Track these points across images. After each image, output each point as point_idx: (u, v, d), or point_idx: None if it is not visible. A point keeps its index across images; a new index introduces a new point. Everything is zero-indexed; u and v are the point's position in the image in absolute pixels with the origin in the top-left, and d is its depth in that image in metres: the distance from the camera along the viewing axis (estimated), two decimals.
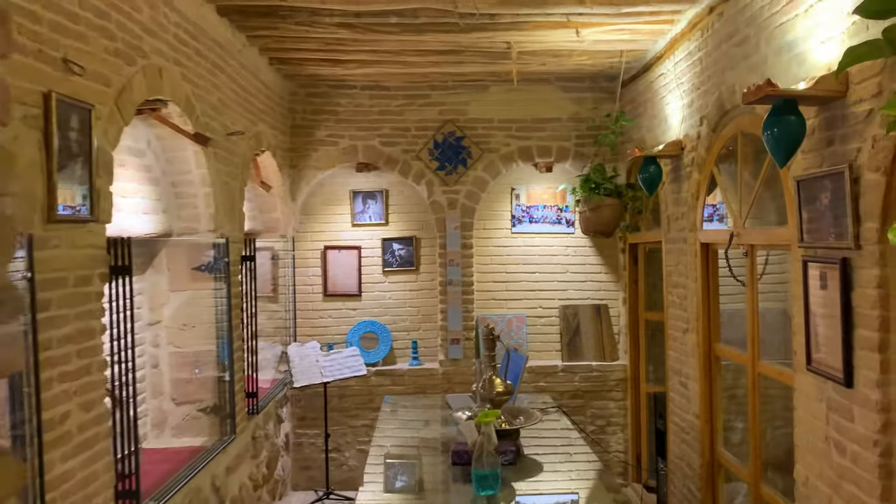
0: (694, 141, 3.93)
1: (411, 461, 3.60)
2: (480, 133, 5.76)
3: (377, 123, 5.75)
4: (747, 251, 3.39)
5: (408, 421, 4.31)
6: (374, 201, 5.95)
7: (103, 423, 2.56)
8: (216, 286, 3.97)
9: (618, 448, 5.77)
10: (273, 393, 5.08)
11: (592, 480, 3.33)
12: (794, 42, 2.71)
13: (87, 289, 2.47)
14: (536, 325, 5.95)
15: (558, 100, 5.75)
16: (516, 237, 5.99)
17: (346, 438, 5.79)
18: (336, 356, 5.42)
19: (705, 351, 3.92)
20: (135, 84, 2.83)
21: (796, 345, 2.75)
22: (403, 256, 5.94)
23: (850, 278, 2.31)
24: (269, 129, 5.08)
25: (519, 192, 5.99)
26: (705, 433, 3.94)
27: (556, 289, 5.96)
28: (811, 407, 2.63)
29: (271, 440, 5.04)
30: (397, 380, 5.77)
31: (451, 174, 5.75)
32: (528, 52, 4.79)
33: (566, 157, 5.78)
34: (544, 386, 5.70)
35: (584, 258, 5.97)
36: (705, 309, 3.92)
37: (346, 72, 5.35)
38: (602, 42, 4.52)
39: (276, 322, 5.66)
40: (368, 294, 5.97)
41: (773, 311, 3.82)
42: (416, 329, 5.98)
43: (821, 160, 2.50)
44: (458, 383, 5.71)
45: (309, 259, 5.96)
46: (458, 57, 4.90)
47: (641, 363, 5.54)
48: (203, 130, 3.59)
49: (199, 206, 3.80)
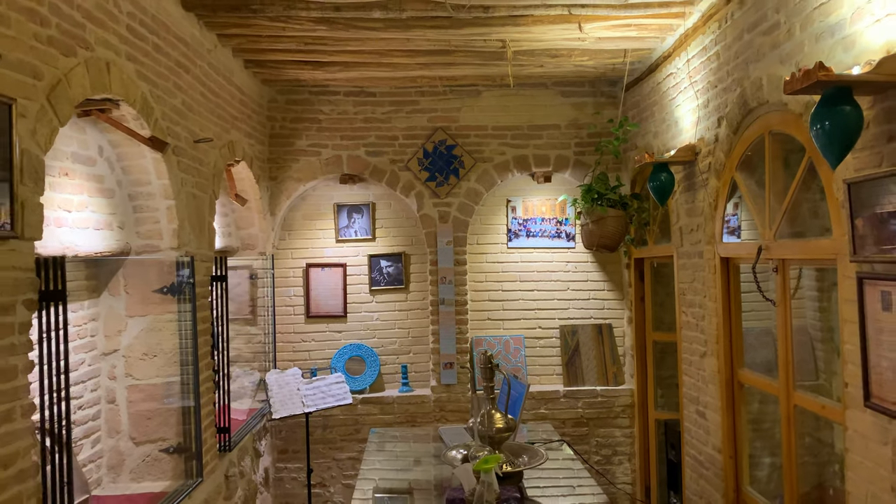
0: (711, 145, 3.55)
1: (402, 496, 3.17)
2: (473, 141, 5.38)
3: (362, 132, 5.37)
4: (777, 266, 3.00)
5: (396, 458, 3.87)
6: (359, 215, 5.55)
7: (28, 479, 2.13)
8: (181, 310, 3.54)
9: (625, 479, 5.34)
10: (250, 425, 4.64)
11: None
12: (838, 24, 2.34)
13: (8, 319, 2.05)
14: (535, 347, 5.54)
15: (557, 105, 5.38)
16: (513, 252, 5.59)
17: (331, 472, 5.34)
18: (319, 383, 4.98)
19: (727, 378, 3.52)
20: (74, 78, 2.42)
21: (848, 376, 2.35)
22: (392, 274, 5.53)
23: None
24: (245, 138, 4.68)
25: (515, 205, 5.60)
26: (729, 469, 3.52)
27: (557, 308, 5.56)
28: (871, 451, 2.23)
29: (247, 477, 4.59)
30: (386, 408, 5.34)
31: (442, 185, 5.36)
32: (524, 52, 4.42)
33: (566, 166, 5.40)
34: (545, 413, 5.28)
35: (587, 274, 5.57)
36: (726, 331, 3.52)
37: (327, 76, 4.97)
38: (605, 40, 4.16)
39: (254, 346, 5.22)
40: (354, 315, 5.54)
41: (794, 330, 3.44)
42: (406, 352, 5.55)
43: (879, 159, 2.12)
44: (452, 411, 5.28)
45: (290, 278, 5.54)
46: (449, 58, 4.52)
47: (650, 388, 5.13)
48: (164, 136, 3.18)
49: (160, 220, 3.38)
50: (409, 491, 3.31)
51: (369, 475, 3.52)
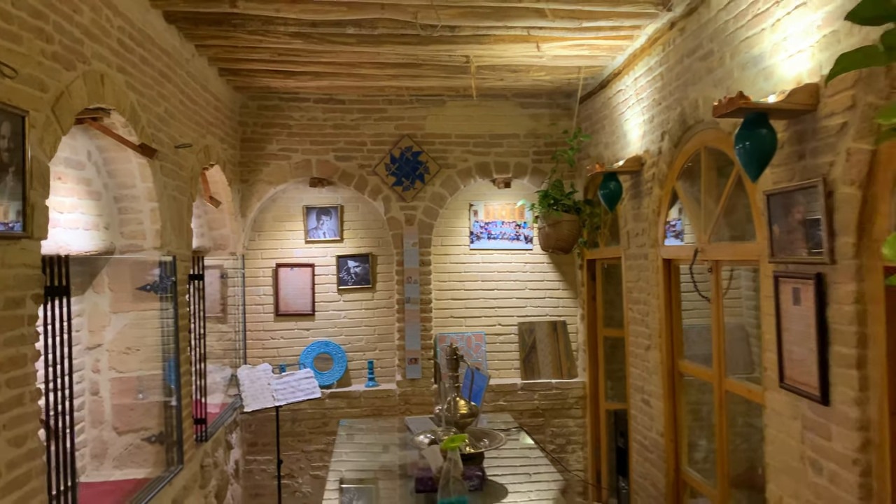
0: (655, 156, 3.91)
1: (366, 489, 3.42)
2: (438, 148, 5.67)
3: (331, 137, 5.60)
4: (712, 267, 3.36)
5: (366, 445, 4.13)
6: (328, 217, 5.78)
7: (37, 458, 2.33)
8: (162, 307, 3.74)
9: (577, 467, 5.69)
10: (222, 418, 4.83)
11: (556, 501, 3.22)
12: (760, 56, 2.70)
13: (19, 311, 2.25)
14: (495, 343, 5.86)
15: (516, 116, 5.71)
16: (475, 254, 5.90)
17: (300, 464, 5.55)
18: (288, 378, 5.20)
19: (669, 368, 3.88)
20: (74, 90, 2.63)
21: (767, 361, 2.71)
22: (359, 274, 5.78)
23: (825, 294, 2.28)
24: (219, 143, 4.87)
25: (477, 208, 5.91)
26: (670, 451, 3.88)
27: (515, 305, 5.89)
28: (785, 425, 2.58)
29: (220, 468, 4.78)
30: (353, 402, 5.58)
31: (408, 190, 5.63)
32: (486, 67, 4.73)
33: (524, 173, 5.74)
34: (504, 405, 5.60)
35: (543, 275, 5.92)
36: (668, 325, 3.88)
37: (298, 84, 5.20)
38: (561, 57, 4.50)
39: (224, 344, 5.41)
40: (322, 313, 5.77)
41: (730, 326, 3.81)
42: (373, 349, 5.80)
43: (791, 174, 2.48)
44: (417, 404, 5.55)
45: (259, 277, 5.74)
46: (416, 70, 4.80)
47: (600, 380, 5.49)
48: (149, 142, 3.38)
49: (144, 221, 3.57)
50: (377, 478, 3.57)
51: (340, 463, 3.76)
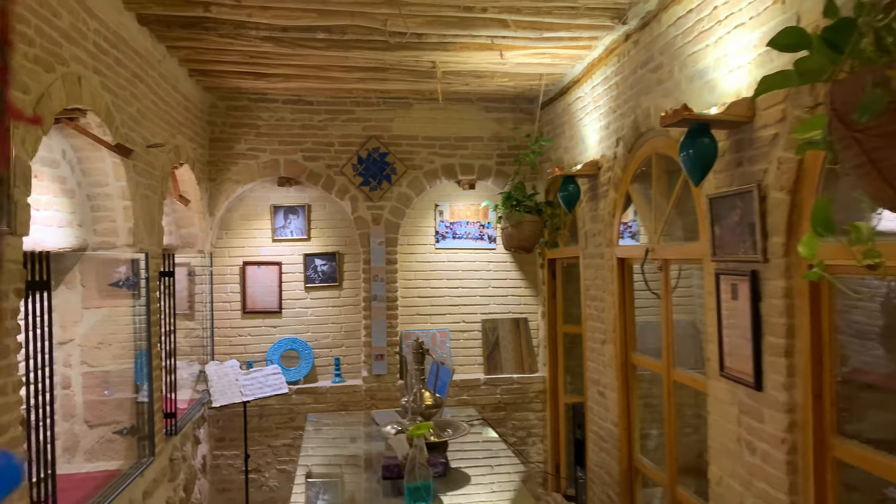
0: (610, 161, 4.13)
1: (334, 479, 3.55)
2: (405, 149, 5.83)
3: (300, 138, 5.71)
4: (661, 265, 3.59)
5: (333, 438, 4.27)
6: (295, 216, 5.89)
7: (18, 446, 2.42)
8: (134, 303, 3.82)
9: (538, 458, 5.91)
10: (190, 413, 4.91)
11: (517, 491, 3.40)
12: (705, 70, 2.92)
13: (3, 305, 2.34)
14: (459, 340, 6.04)
15: (480, 119, 5.89)
16: (440, 252, 6.07)
17: (267, 459, 5.65)
18: (256, 374, 5.30)
19: (622, 361, 4.10)
20: (54, 92, 2.71)
21: (709, 353, 2.94)
22: (326, 272, 5.90)
23: (758, 289, 2.50)
24: (189, 142, 4.95)
25: (443, 209, 6.08)
26: (624, 440, 4.11)
27: (479, 303, 6.07)
28: (724, 411, 2.81)
29: (189, 462, 4.86)
30: (319, 397, 5.70)
31: (375, 190, 5.77)
32: (452, 72, 4.90)
33: (488, 174, 5.92)
34: (467, 399, 5.78)
35: (506, 273, 6.12)
36: (622, 320, 4.11)
37: (268, 85, 5.30)
38: (523, 65, 4.69)
39: (192, 340, 5.47)
40: (289, 311, 5.88)
41: (683, 323, 4.06)
42: (339, 346, 5.93)
43: (731, 180, 2.70)
44: (382, 400, 5.70)
45: (227, 275, 5.81)
46: (384, 74, 4.95)
47: (560, 375, 5.71)
48: (123, 141, 3.47)
49: (116, 219, 3.66)
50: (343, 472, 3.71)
51: (308, 458, 3.89)
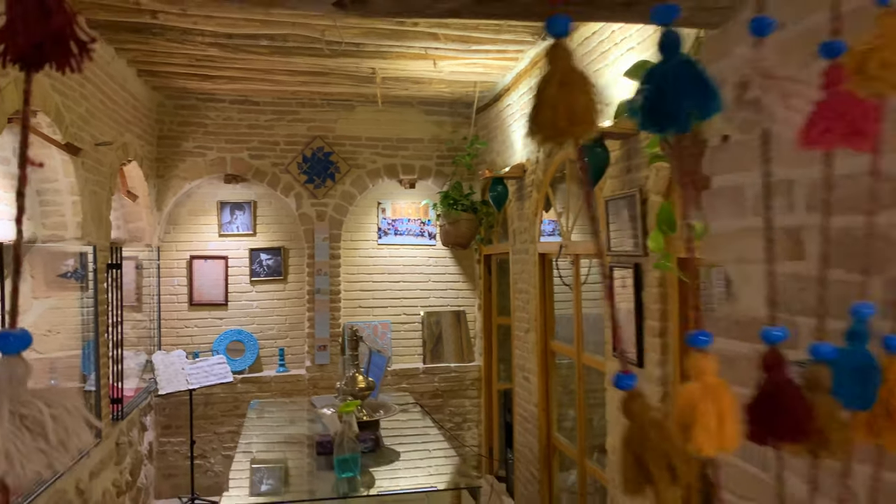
0: (534, 165, 4.50)
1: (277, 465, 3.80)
2: (348, 149, 6.10)
3: (246, 136, 5.94)
4: (573, 260, 3.97)
5: (274, 422, 4.54)
6: (241, 212, 6.11)
7: None
8: (82, 294, 4.02)
9: (473, 442, 6.27)
10: (137, 401, 5.11)
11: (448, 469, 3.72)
12: (605, 86, 3.30)
13: None
14: (400, 331, 6.35)
15: (421, 122, 6.21)
16: (382, 248, 6.37)
17: (212, 445, 5.87)
18: (202, 364, 5.51)
19: (542, 348, 4.48)
20: (7, 94, 2.93)
21: (607, 337, 3.32)
22: (271, 266, 6.14)
23: (641, 279, 2.89)
24: (137, 140, 5.14)
25: (385, 206, 6.38)
26: (543, 421, 4.49)
27: (419, 297, 6.39)
28: None
29: (135, 447, 5.06)
30: (264, 386, 5.94)
31: (319, 187, 6.03)
32: (391, 78, 5.20)
33: (428, 174, 6.24)
34: (406, 387, 6.09)
35: (445, 268, 6.45)
36: (542, 310, 4.48)
37: (215, 86, 5.52)
38: (458, 73, 5.03)
39: (139, 331, 5.66)
40: (235, 303, 6.10)
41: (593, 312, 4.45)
42: (284, 337, 6.18)
43: (622, 184, 3.08)
44: (325, 388, 5.97)
45: (174, 269, 6.00)
46: (326, 78, 5.22)
47: (494, 363, 6.08)
48: (73, 140, 3.67)
49: (65, 213, 3.86)
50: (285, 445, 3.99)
51: (250, 436, 4.16)
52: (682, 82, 0.72)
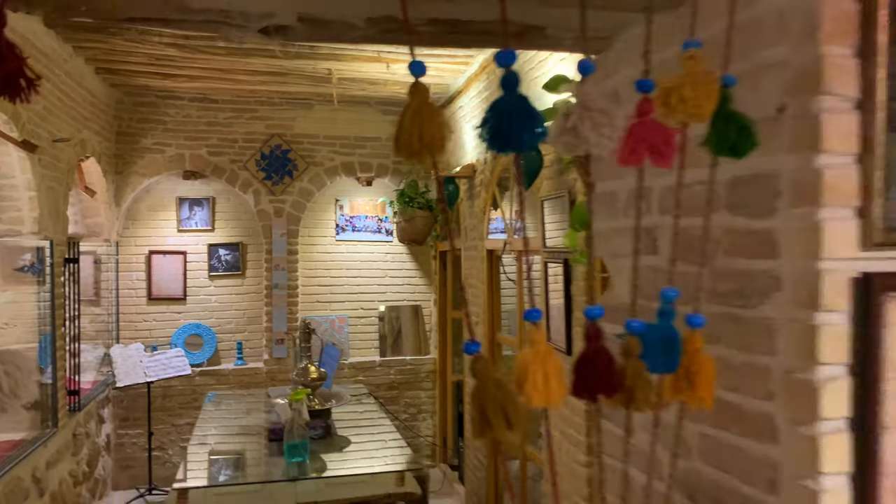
0: (483, 165, 4.70)
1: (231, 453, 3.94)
2: (306, 147, 6.24)
3: (205, 134, 6.03)
4: (517, 256, 4.19)
5: (230, 413, 4.67)
6: (200, 208, 6.21)
7: None
8: (39, 288, 4.11)
9: (428, 433, 6.46)
10: (94, 393, 5.19)
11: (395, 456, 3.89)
12: (540, 94, 3.51)
13: None
14: (357, 326, 6.51)
15: (378, 121, 6.37)
16: (340, 244, 6.52)
17: (170, 437, 5.96)
18: (160, 357, 5.61)
19: (490, 339, 4.69)
20: None
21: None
22: (230, 261, 6.25)
23: (570, 273, 3.11)
24: (95, 136, 5.21)
25: (343, 203, 6.53)
26: None
27: (376, 292, 6.56)
28: None
29: (92, 439, 5.14)
30: (222, 379, 6.05)
31: (277, 184, 6.16)
32: (347, 79, 5.36)
33: (385, 172, 6.41)
34: (363, 380, 6.26)
35: (402, 264, 6.63)
36: (489, 304, 4.69)
37: (175, 84, 5.60)
38: (411, 75, 5.19)
39: (98, 325, 5.72)
40: (194, 298, 6.20)
41: None
42: (242, 331, 6.29)
43: (557, 186, 3.30)
44: (282, 381, 6.09)
45: (133, 263, 6.08)
46: (284, 78, 5.35)
47: (448, 356, 6.29)
48: (30, 137, 3.76)
49: (22, 209, 3.94)
50: (240, 435, 4.13)
51: (206, 425, 4.29)
52: (517, 113, 0.92)
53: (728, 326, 1.16)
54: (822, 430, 0.98)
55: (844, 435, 0.99)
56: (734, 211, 1.13)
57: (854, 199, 0.98)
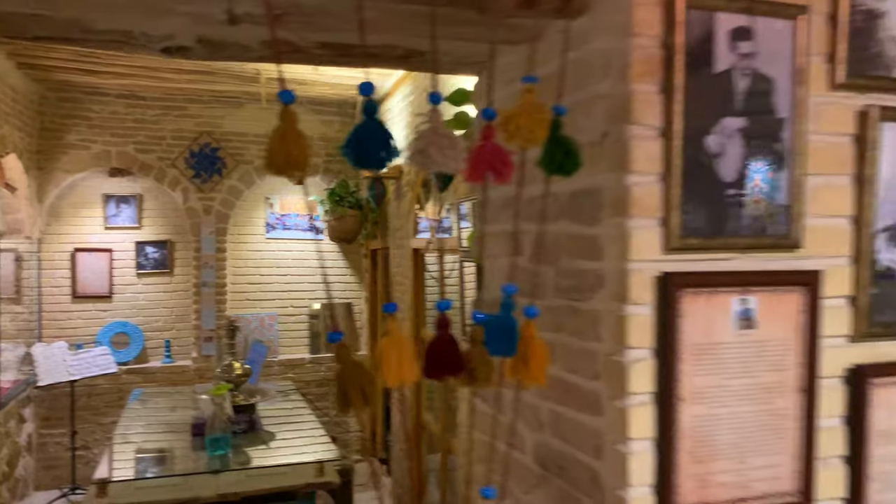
0: (409, 166, 4.86)
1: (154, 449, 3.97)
2: (236, 145, 6.26)
3: (132, 131, 5.99)
4: (439, 255, 4.36)
5: (156, 410, 4.70)
6: (127, 205, 6.16)
7: None
8: None
9: (358, 428, 6.59)
10: (14, 392, 5.11)
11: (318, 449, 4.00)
12: None
13: None
14: (287, 323, 6.58)
15: (309, 121, 6.44)
16: (271, 242, 6.57)
17: (95, 436, 5.91)
18: (85, 355, 5.56)
19: (414, 335, 4.86)
20: None
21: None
22: (157, 259, 6.22)
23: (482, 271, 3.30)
24: (16, 132, 5.13)
25: (273, 201, 6.58)
26: (413, 402, 4.87)
27: (307, 290, 6.64)
28: None
29: (12, 438, 5.07)
30: (149, 377, 6.03)
31: (206, 182, 6.17)
32: (276, 78, 5.42)
33: (317, 171, 6.49)
34: (293, 377, 6.34)
35: (333, 262, 6.73)
36: (415, 300, 4.86)
37: (100, 81, 5.56)
38: (340, 77, 5.32)
39: (19, 323, 5.63)
40: (120, 296, 6.15)
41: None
42: (170, 329, 6.28)
43: (472, 189, 3.48)
44: (211, 378, 6.10)
45: (57, 261, 5.99)
46: (213, 77, 5.39)
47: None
48: None
49: None
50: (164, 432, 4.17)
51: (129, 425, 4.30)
52: (374, 137, 1.08)
53: (569, 317, 1.35)
54: (630, 403, 1.18)
55: (649, 407, 1.19)
56: (573, 219, 1.33)
57: (658, 211, 1.18)
